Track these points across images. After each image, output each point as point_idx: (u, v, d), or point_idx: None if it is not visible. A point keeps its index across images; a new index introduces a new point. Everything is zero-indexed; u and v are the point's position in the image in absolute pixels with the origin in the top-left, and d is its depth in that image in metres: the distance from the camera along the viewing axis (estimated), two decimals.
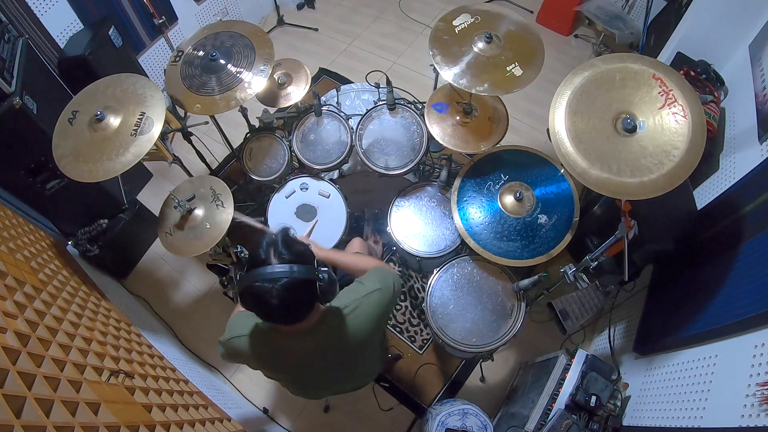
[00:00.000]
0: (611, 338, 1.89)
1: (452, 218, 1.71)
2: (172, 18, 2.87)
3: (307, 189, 1.99)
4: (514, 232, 1.64)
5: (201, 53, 1.82)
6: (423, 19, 3.52)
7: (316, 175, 2.01)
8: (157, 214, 1.81)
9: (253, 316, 1.16)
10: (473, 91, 1.54)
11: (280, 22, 3.53)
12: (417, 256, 1.83)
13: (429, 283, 1.73)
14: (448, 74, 1.55)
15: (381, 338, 1.39)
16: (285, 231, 1.03)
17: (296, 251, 0.98)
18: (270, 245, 0.97)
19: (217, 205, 1.75)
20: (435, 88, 1.97)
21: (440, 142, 1.75)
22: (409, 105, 1.94)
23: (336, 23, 3.59)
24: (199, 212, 1.76)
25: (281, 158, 2.00)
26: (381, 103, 1.93)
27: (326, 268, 1.02)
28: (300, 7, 3.70)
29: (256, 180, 2.01)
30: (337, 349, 1.14)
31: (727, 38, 1.93)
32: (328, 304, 1.13)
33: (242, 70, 1.77)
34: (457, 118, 1.79)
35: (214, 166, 2.75)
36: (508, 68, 1.55)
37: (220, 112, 1.76)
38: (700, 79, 1.89)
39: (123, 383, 1.32)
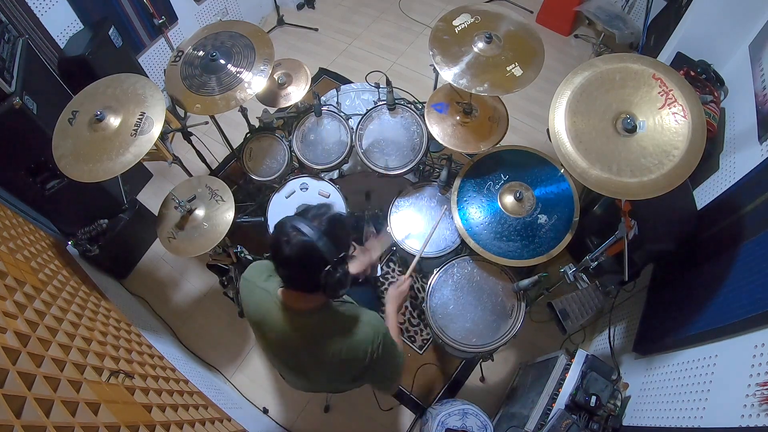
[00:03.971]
0: (611, 338, 1.89)
1: (452, 218, 1.71)
2: (172, 18, 2.87)
3: (307, 189, 1.99)
4: (514, 232, 1.64)
5: (201, 53, 1.82)
6: (423, 19, 3.52)
7: (316, 175, 2.01)
8: (157, 214, 1.81)
9: (270, 266, 1.18)
10: (473, 91, 1.54)
11: (280, 22, 3.53)
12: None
13: (429, 283, 1.73)
14: (448, 74, 1.55)
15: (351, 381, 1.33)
16: (346, 216, 1.08)
17: (335, 232, 1.02)
18: (322, 212, 1.03)
19: (216, 200, 1.75)
20: (435, 88, 1.97)
21: (440, 142, 1.75)
22: (409, 105, 1.94)
23: (336, 23, 3.59)
24: (199, 212, 1.76)
25: (281, 158, 2.00)
26: (381, 103, 1.93)
27: (346, 269, 1.04)
28: (300, 7, 3.71)
29: (256, 180, 2.01)
30: (309, 346, 1.14)
31: (727, 38, 1.93)
32: (332, 304, 1.14)
33: (242, 70, 1.77)
34: (457, 118, 1.79)
35: (214, 166, 2.75)
36: (508, 68, 1.55)
37: (220, 112, 1.76)
38: (700, 79, 1.89)
39: (123, 383, 1.32)
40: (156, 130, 1.56)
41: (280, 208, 1.97)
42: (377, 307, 1.56)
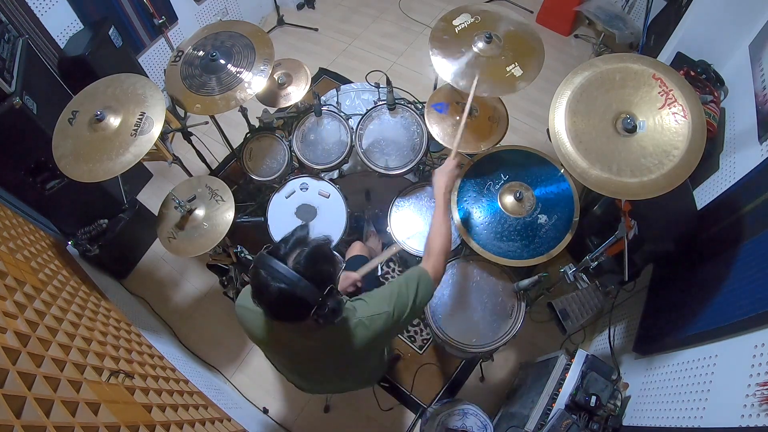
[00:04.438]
0: (611, 338, 1.89)
1: (452, 218, 1.71)
2: (172, 18, 2.87)
3: (307, 189, 1.99)
4: (514, 233, 1.64)
5: (201, 53, 1.82)
6: (423, 19, 3.52)
7: (316, 175, 2.01)
8: (157, 214, 1.81)
9: None
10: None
11: (280, 22, 3.53)
12: (417, 256, 1.83)
13: None
14: (448, 74, 1.55)
15: (381, 352, 1.34)
16: (324, 242, 0.99)
17: (314, 269, 0.94)
18: (296, 246, 0.95)
19: (216, 200, 1.76)
20: (435, 88, 1.97)
21: (440, 142, 1.75)
22: (409, 105, 1.94)
23: (336, 23, 3.59)
24: (199, 212, 1.76)
25: (281, 158, 2.00)
26: (381, 103, 1.93)
27: (339, 298, 0.99)
28: (300, 7, 3.71)
29: (256, 180, 2.01)
30: (328, 354, 1.14)
31: (727, 38, 1.93)
32: None
33: (242, 70, 1.77)
34: (457, 118, 1.79)
35: (214, 166, 2.75)
36: (508, 68, 1.55)
37: (220, 112, 1.76)
38: (700, 79, 1.89)
39: (123, 383, 1.32)
40: (156, 130, 1.56)
41: (280, 208, 1.97)
42: None
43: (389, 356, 1.50)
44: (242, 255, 1.88)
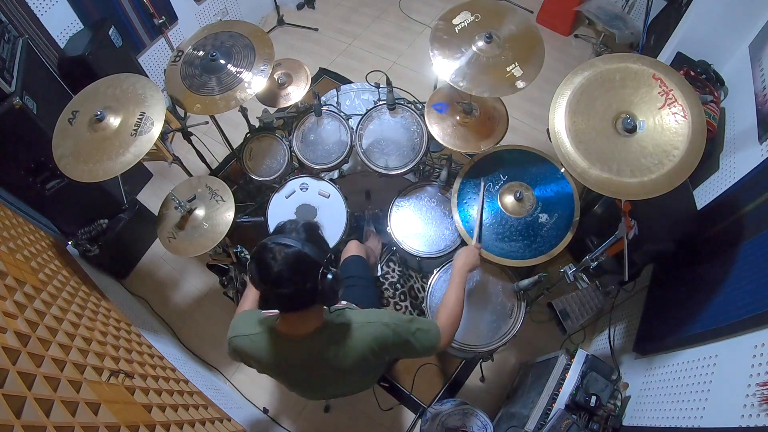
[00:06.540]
0: (611, 338, 1.89)
1: (452, 218, 1.71)
2: (172, 18, 2.87)
3: (307, 189, 1.99)
4: (515, 233, 1.64)
5: (201, 53, 1.82)
6: (423, 19, 3.52)
7: (316, 175, 2.01)
8: (157, 214, 1.81)
9: (255, 314, 1.17)
10: (473, 92, 1.54)
11: (280, 22, 3.53)
12: (417, 256, 1.83)
13: (429, 283, 1.73)
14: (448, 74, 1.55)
15: (382, 363, 1.33)
16: (311, 222, 1.10)
17: (313, 236, 1.04)
18: (290, 225, 1.04)
19: (216, 200, 1.76)
20: (435, 88, 1.97)
21: (440, 142, 1.75)
22: (409, 105, 1.94)
23: (336, 23, 3.59)
24: (199, 212, 1.76)
25: (281, 158, 2.00)
26: (381, 103, 1.93)
27: (335, 272, 1.04)
28: (300, 7, 3.71)
29: (256, 180, 2.01)
30: (330, 362, 1.13)
31: (727, 38, 1.93)
32: (330, 314, 1.13)
33: (242, 70, 1.77)
34: (457, 118, 1.79)
35: (214, 166, 2.75)
36: (508, 68, 1.55)
37: (220, 112, 1.76)
38: (700, 79, 1.89)
39: (123, 383, 1.32)
40: (156, 130, 1.56)
41: (280, 208, 1.97)
42: (380, 307, 1.57)
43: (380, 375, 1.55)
44: (242, 255, 1.88)
